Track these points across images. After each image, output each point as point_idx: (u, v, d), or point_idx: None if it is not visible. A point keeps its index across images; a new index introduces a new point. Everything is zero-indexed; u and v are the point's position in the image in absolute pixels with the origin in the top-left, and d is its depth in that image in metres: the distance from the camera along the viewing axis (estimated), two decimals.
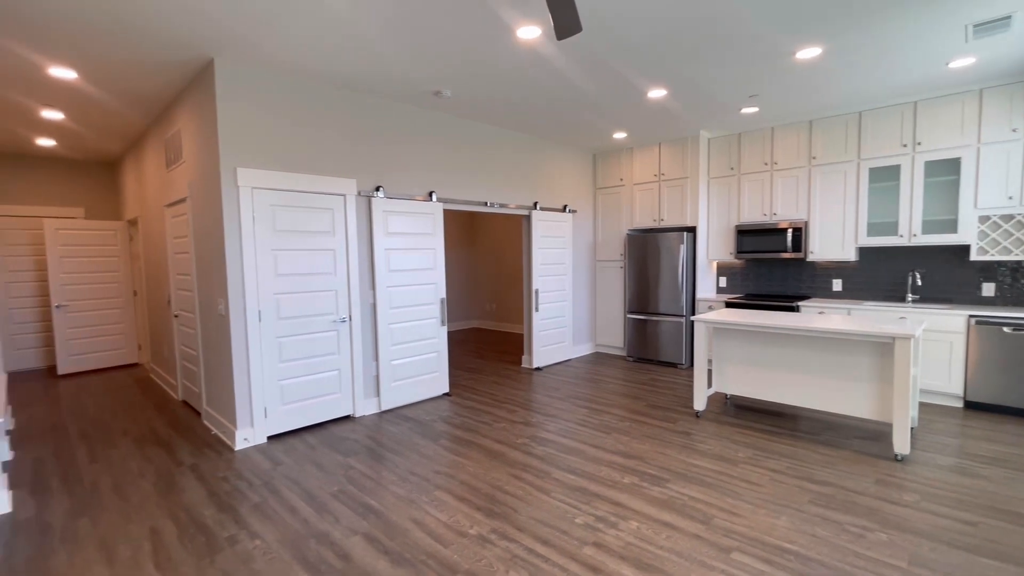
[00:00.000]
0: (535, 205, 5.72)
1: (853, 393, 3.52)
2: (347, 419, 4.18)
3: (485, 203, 5.18)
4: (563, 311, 6.14)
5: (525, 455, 3.40)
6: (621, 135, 5.72)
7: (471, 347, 7.41)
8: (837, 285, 5.26)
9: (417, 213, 4.55)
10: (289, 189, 3.74)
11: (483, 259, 9.27)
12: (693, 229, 5.90)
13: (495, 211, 5.29)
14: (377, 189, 4.25)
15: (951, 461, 3.19)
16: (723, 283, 6.16)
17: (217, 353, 3.81)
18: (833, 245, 5.03)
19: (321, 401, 4.02)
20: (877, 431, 3.71)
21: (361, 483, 3.02)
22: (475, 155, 5.09)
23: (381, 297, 4.32)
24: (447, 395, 4.87)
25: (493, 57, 3.44)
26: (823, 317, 3.88)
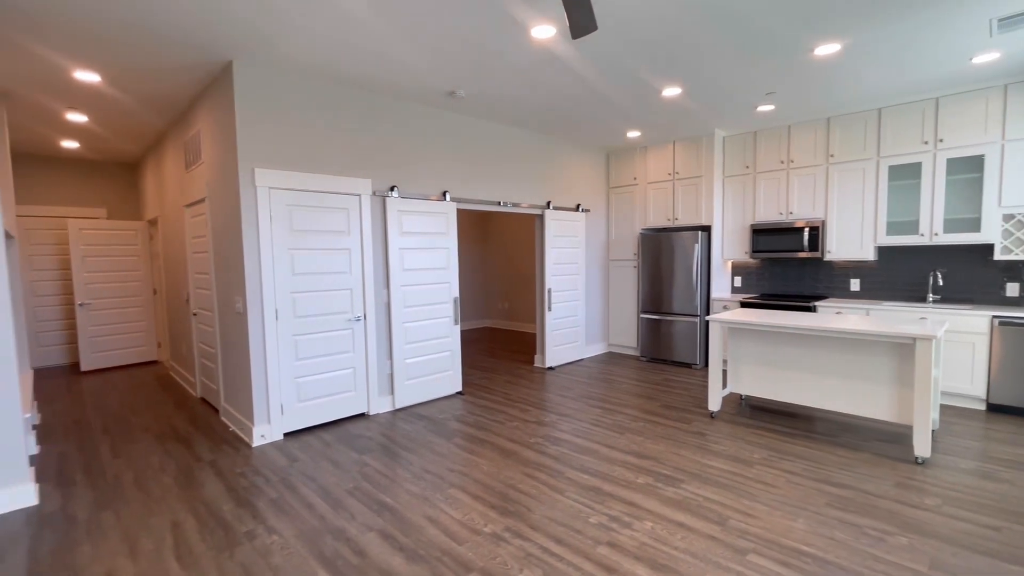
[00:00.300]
0: (548, 204, 5.71)
1: (872, 395, 3.46)
2: (362, 417, 4.22)
3: (498, 203, 5.19)
4: (576, 311, 6.13)
5: (538, 454, 3.40)
6: (635, 134, 5.69)
7: (484, 346, 7.43)
8: (855, 285, 5.18)
9: (431, 213, 4.58)
10: (305, 189, 3.79)
11: (496, 258, 9.28)
12: (708, 228, 5.85)
13: (508, 210, 5.30)
14: (392, 189, 4.28)
15: (973, 464, 3.12)
16: (738, 283, 6.10)
17: (235, 351, 3.88)
18: (851, 244, 4.95)
19: (336, 399, 4.06)
20: (897, 433, 3.64)
21: (376, 480, 3.05)
22: (488, 155, 5.11)
23: (395, 296, 4.36)
24: (460, 394, 4.89)
25: (507, 56, 3.44)
26: (841, 317, 3.83)
